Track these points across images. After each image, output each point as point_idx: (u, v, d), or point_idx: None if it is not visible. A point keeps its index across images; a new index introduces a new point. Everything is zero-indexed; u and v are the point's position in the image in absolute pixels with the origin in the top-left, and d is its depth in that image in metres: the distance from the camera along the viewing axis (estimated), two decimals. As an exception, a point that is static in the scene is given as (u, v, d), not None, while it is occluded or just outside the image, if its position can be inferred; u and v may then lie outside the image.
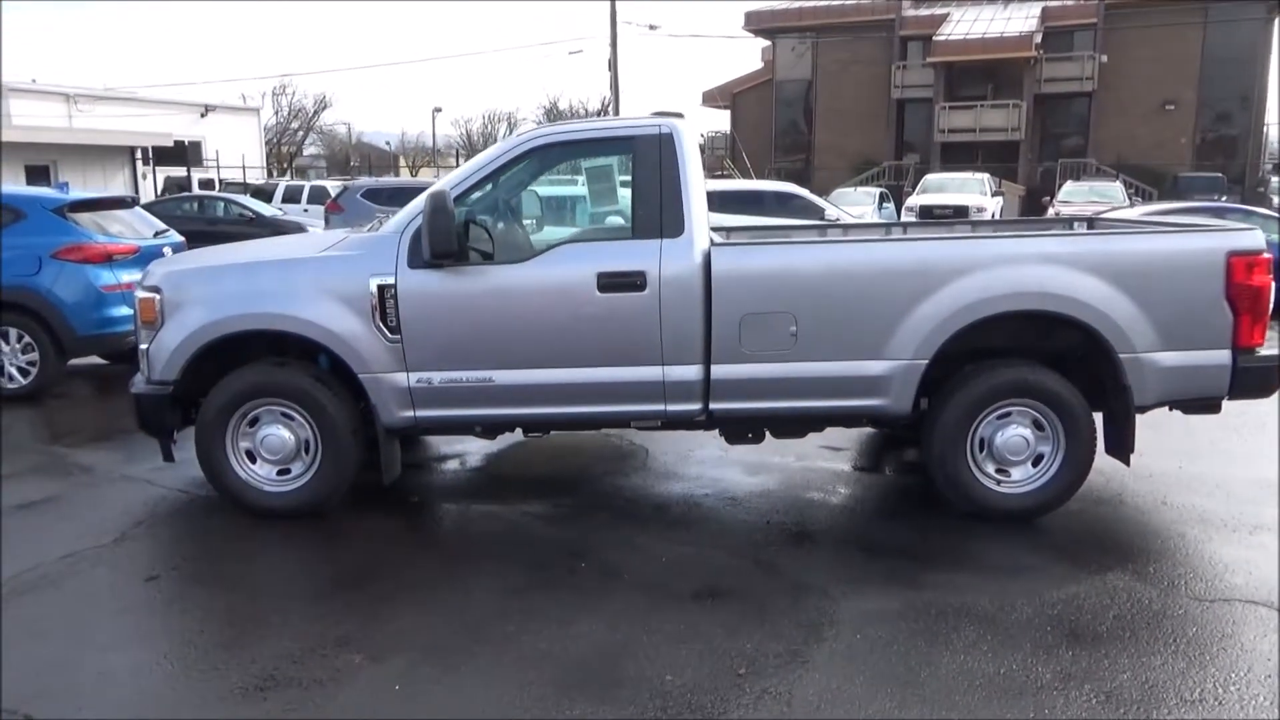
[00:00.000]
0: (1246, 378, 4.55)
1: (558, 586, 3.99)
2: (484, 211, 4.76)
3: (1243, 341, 4.50)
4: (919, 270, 4.53)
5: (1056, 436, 4.64)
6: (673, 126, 4.68)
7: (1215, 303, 4.48)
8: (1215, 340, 4.49)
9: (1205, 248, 4.55)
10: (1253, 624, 3.65)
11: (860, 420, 4.90)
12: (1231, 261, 4.47)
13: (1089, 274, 4.50)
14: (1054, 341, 4.75)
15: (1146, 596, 3.86)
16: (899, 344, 4.51)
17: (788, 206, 14.07)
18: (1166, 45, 33.33)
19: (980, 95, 35.60)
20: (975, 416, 4.64)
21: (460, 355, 4.57)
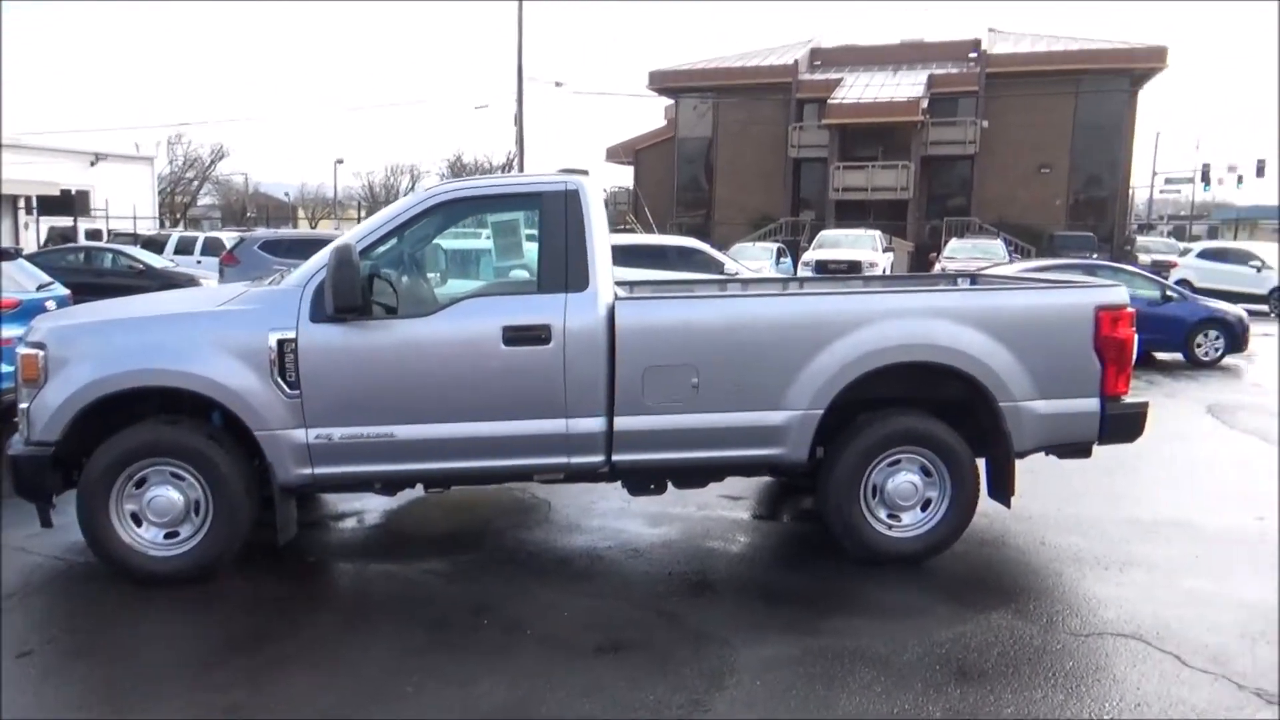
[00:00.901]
0: (1114, 424, 4.85)
1: (459, 645, 3.94)
2: (389, 265, 4.75)
3: (1110, 390, 4.81)
4: (815, 324, 4.71)
5: (943, 482, 4.84)
6: (579, 184, 4.78)
7: (1085, 354, 4.79)
8: (1085, 389, 4.78)
9: (1076, 303, 4.87)
10: (1124, 656, 3.86)
11: (759, 469, 5.01)
12: (1099, 315, 4.79)
13: (972, 327, 4.75)
14: (940, 391, 4.97)
15: (1027, 633, 4.04)
16: (796, 395, 4.65)
17: (689, 261, 14.36)
18: (1042, 113, 35.55)
19: (872, 156, 37.19)
20: (868, 464, 4.81)
21: (362, 410, 4.51)
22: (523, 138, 31.50)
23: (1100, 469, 6.52)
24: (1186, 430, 8.71)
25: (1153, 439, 7.04)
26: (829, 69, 39.67)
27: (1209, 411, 9.62)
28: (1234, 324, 13.24)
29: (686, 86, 40.20)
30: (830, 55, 40.76)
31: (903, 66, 38.86)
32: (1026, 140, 35.80)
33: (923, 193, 37.71)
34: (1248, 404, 10.12)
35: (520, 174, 5.90)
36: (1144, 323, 12.60)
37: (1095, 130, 36.01)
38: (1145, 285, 13.81)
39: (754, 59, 40.34)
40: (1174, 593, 4.57)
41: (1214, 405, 9.96)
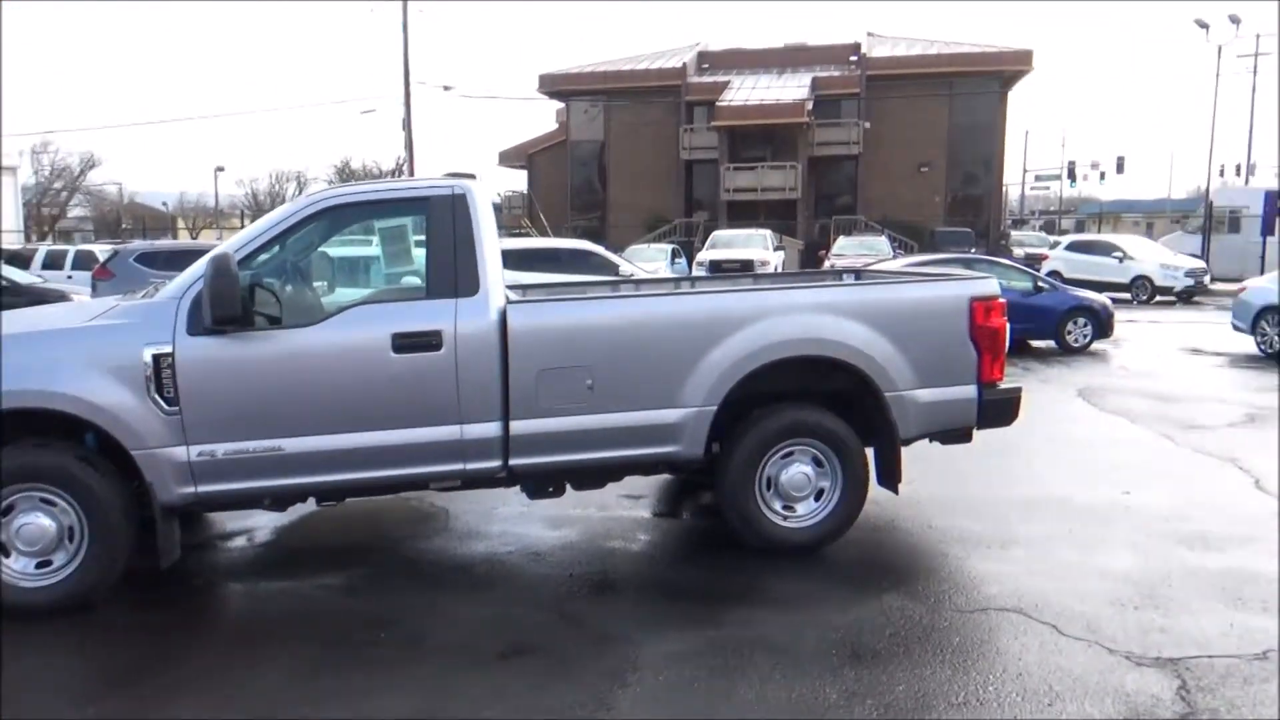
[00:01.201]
0: (991, 409, 5.09)
1: (357, 661, 3.85)
2: (271, 274, 4.61)
3: (986, 376, 5.04)
4: (707, 321, 4.78)
5: (835, 472, 4.98)
6: (466, 187, 4.73)
7: (962, 343, 5.00)
8: (963, 377, 5.00)
9: (951, 295, 5.08)
10: (1006, 629, 4.05)
11: (657, 467, 5.05)
12: (973, 306, 5.01)
13: (857, 321, 4.91)
14: (829, 384, 5.11)
15: (917, 613, 4.19)
16: (690, 392, 4.71)
17: (584, 263, 14.36)
18: (920, 114, 36.94)
19: (761, 157, 37.95)
20: (762, 457, 4.91)
21: (246, 424, 4.36)
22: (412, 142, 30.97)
23: (982, 453, 6.81)
24: (1060, 413, 9.19)
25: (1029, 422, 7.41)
26: (716, 72, 40.33)
27: (1080, 395, 10.17)
28: (1100, 311, 14.02)
29: (577, 89, 40.23)
30: (717, 58, 41.44)
31: (787, 69, 39.80)
32: (906, 140, 37.14)
33: (811, 192, 38.69)
34: (1115, 387, 10.74)
35: (407, 179, 5.80)
36: (1018, 313, 13.44)
37: (969, 130, 37.63)
38: (1019, 277, 14.52)
39: (643, 62, 40.69)
40: (1050, 566, 4.82)
41: (1084, 389, 10.53)
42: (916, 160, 37.76)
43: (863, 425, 5.08)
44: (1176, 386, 10.67)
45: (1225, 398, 9.91)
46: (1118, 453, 7.39)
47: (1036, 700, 3.42)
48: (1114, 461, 7.08)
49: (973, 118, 37.45)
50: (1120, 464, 6.99)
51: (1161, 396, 9.97)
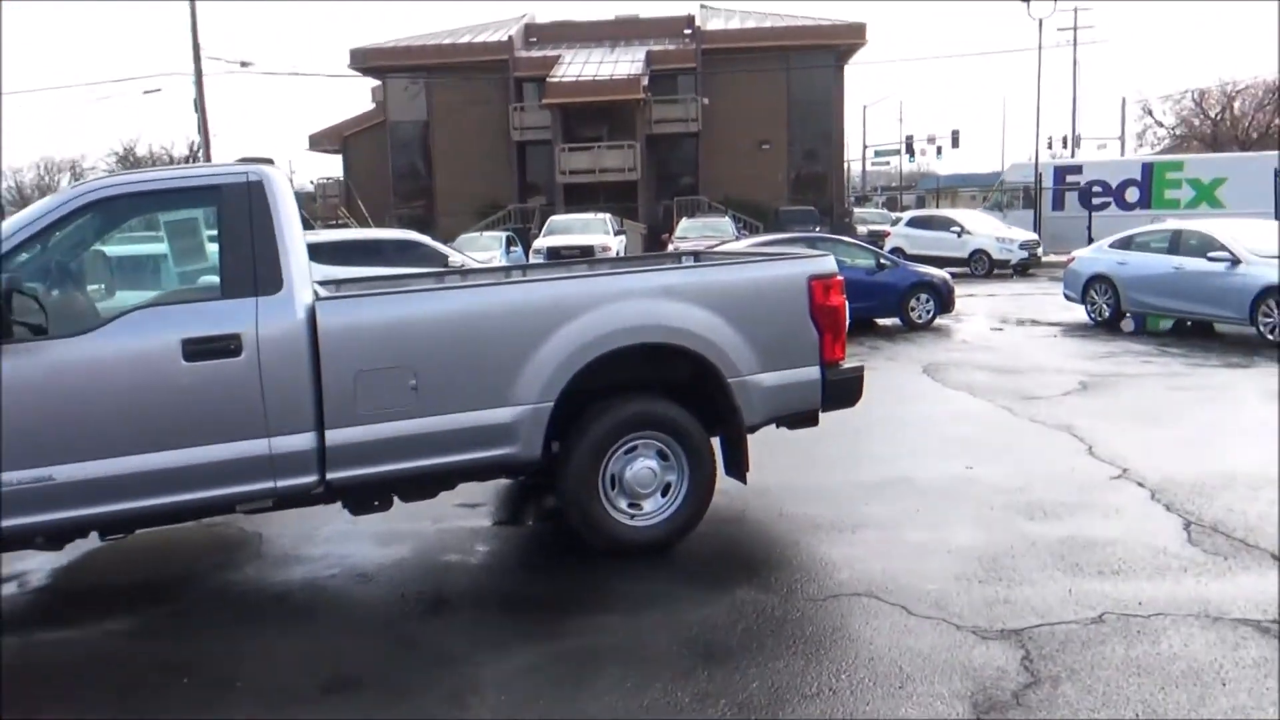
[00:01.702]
0: (835, 389, 5.29)
1: (155, 712, 3.61)
2: (34, 277, 4.25)
3: (828, 356, 5.23)
4: (538, 311, 4.75)
5: (681, 465, 5.06)
6: (263, 173, 4.52)
7: (803, 323, 5.17)
8: (806, 358, 5.17)
9: (790, 274, 5.24)
10: (858, 614, 4.23)
11: (493, 471, 5.00)
12: (812, 285, 5.18)
13: (696, 305, 4.99)
14: (671, 372, 5.18)
15: (769, 605, 4.32)
16: (524, 388, 4.67)
17: (410, 255, 14.05)
18: (758, 89, 38.04)
19: (597, 136, 38.15)
20: (604, 453, 4.93)
21: (7, 453, 4.01)
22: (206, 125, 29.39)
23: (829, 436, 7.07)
24: (905, 390, 9.69)
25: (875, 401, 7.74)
26: (545, 46, 40.23)
27: (924, 371, 10.76)
28: (941, 287, 14.87)
29: (394, 65, 39.24)
30: (545, 32, 41.35)
31: (620, 43, 40.16)
32: (746, 117, 38.19)
33: (651, 173, 39.22)
34: (957, 361, 11.42)
35: (195, 165, 5.48)
36: (862, 291, 14.12)
37: (808, 106, 39.09)
38: (862, 255, 15.22)
39: (466, 35, 40.13)
40: (899, 547, 5.07)
41: (928, 365, 11.14)
42: (757, 137, 38.91)
43: (707, 414, 5.17)
44: (1015, 358, 11.45)
45: (1061, 367, 10.71)
46: (961, 428, 7.85)
47: (887, 684, 3.58)
48: (958, 437, 7.52)
49: (811, 93, 38.92)
50: (964, 439, 7.44)
51: (1001, 369, 10.67)
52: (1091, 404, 8.66)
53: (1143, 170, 30.68)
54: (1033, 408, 8.49)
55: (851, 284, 7.66)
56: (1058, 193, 30.78)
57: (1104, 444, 7.12)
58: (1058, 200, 30.68)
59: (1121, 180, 30.22)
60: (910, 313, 14.66)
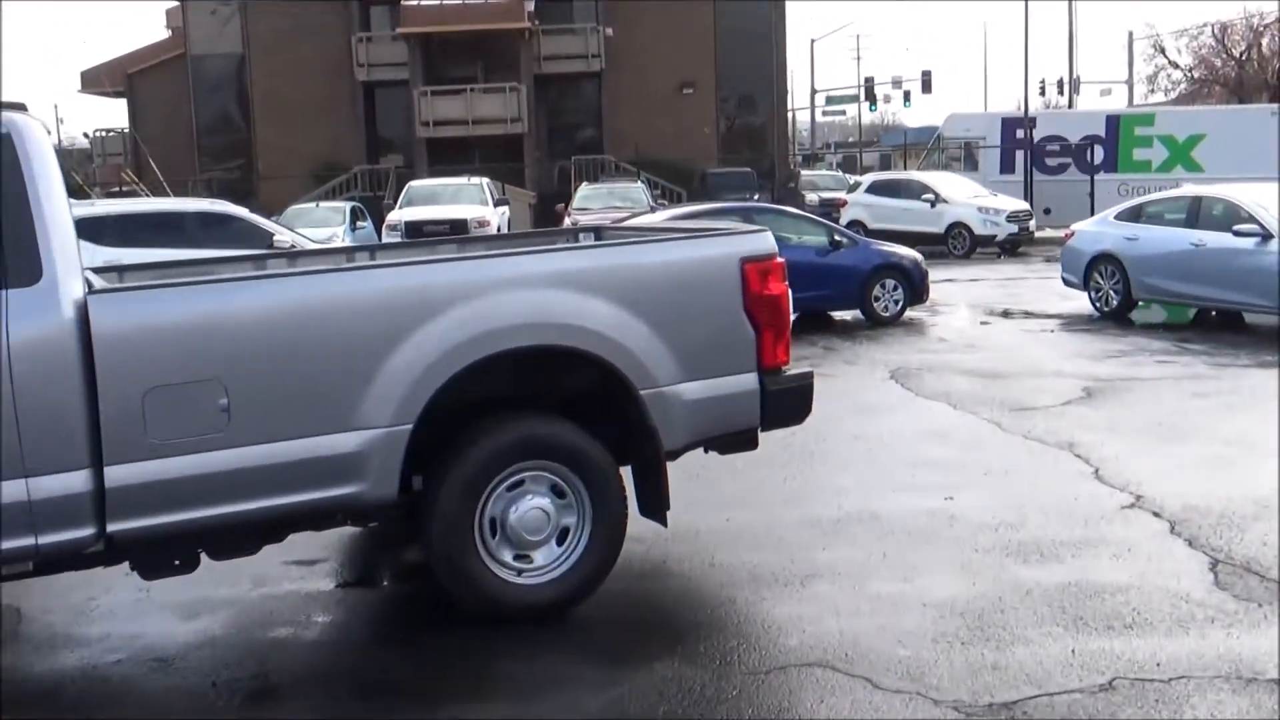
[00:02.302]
0: (778, 402, 5.34)
1: None
2: None
3: (769, 361, 5.29)
4: (392, 306, 4.70)
5: (581, 503, 5.05)
6: (12, 123, 4.38)
7: (735, 319, 5.22)
8: (739, 363, 5.22)
9: (716, 256, 5.29)
10: (810, 689, 4.28)
11: (336, 517, 4.94)
12: (746, 269, 5.23)
13: (599, 296, 5.00)
14: (567, 383, 5.19)
15: (698, 683, 4.34)
16: (373, 407, 4.61)
17: (221, 233, 13.88)
18: (677, 19, 38.36)
19: (470, 77, 38.05)
20: (481, 491, 4.89)
21: None
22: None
23: (773, 461, 7.18)
24: (869, 401, 9.88)
25: (829, 417, 7.86)
26: (400, -41, 39.93)
27: (892, 377, 11.00)
28: (912, 271, 15.18)
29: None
30: (401, -60, 41.05)
31: (499, -44, 40.11)
32: (662, 54, 38.50)
33: (542, 125, 39.29)
34: (933, 364, 11.70)
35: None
36: (814, 276, 14.30)
37: (742, 40, 39.58)
38: (812, 231, 15.47)
39: (294, -57, 39.53)
40: (862, 602, 5.15)
41: (898, 369, 11.39)
42: (677, 79, 39.26)
43: (615, 437, 5.17)
44: (1004, 360, 11.78)
45: (1060, 369, 11.06)
46: (939, 448, 8.04)
47: (850, 778, 3.63)
48: (934, 460, 7.69)
49: (745, 22, 39.41)
50: (942, 462, 7.61)
51: (987, 373, 10.96)
52: (1098, 415, 8.96)
53: (1107, 125, 32.08)
54: (1027, 421, 8.75)
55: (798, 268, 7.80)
56: (1005, 152, 31.97)
57: (1113, 465, 7.36)
58: (1006, 160, 31.89)
59: (1082, 137, 31.54)
60: (874, 303, 14.94)
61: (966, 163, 32.45)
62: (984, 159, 32.10)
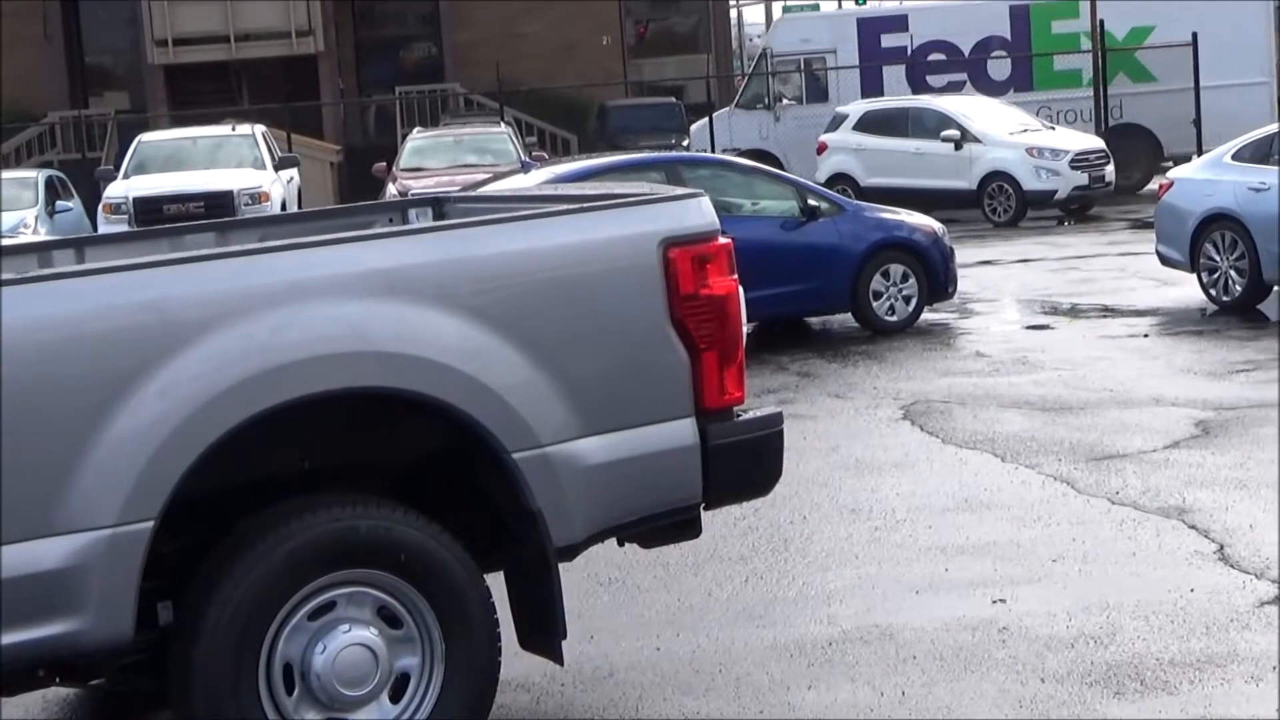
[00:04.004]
0: (728, 462, 5.34)
1: None
2: None
3: (711, 399, 5.28)
4: (113, 336, 4.66)
5: (426, 634, 5.01)
6: None
7: (657, 335, 5.23)
8: (667, 404, 5.23)
9: (626, 237, 5.30)
10: None
11: (34, 674, 4.90)
12: (671, 257, 5.24)
13: (441, 308, 4.99)
14: (397, 447, 5.18)
15: None
16: (88, 497, 4.55)
17: None
18: None
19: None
20: (267, 622, 4.83)
21: None
22: None
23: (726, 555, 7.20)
24: (871, 454, 9.90)
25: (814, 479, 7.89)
26: None
27: (906, 415, 11.05)
28: (928, 249, 15.28)
29: None
30: None
31: None
32: (533, -78, 38.63)
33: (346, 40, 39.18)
34: (967, 393, 11.80)
35: None
36: (778, 262, 14.29)
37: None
38: (774, 192, 15.49)
39: None
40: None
41: (914, 403, 11.45)
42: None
43: (476, 528, 5.18)
44: (1074, 383, 11.88)
45: (1160, 394, 11.20)
46: (981, 524, 8.10)
47: None
48: (975, 542, 7.74)
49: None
50: (986, 546, 7.66)
51: (1050, 405, 11.08)
52: (1220, 463, 9.07)
53: (1013, 21, 33.18)
54: (1113, 477, 8.85)
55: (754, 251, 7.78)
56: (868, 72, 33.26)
57: (1245, 540, 7.47)
58: (869, 83, 33.12)
59: (978, 41, 33.00)
60: (872, 302, 15.04)
61: (809, 90, 33.61)
62: (835, 83, 33.19)
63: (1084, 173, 26.29)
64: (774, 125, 32.04)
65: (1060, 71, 32.20)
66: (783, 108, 33.00)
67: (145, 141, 27.28)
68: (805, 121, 31.73)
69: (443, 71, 38.89)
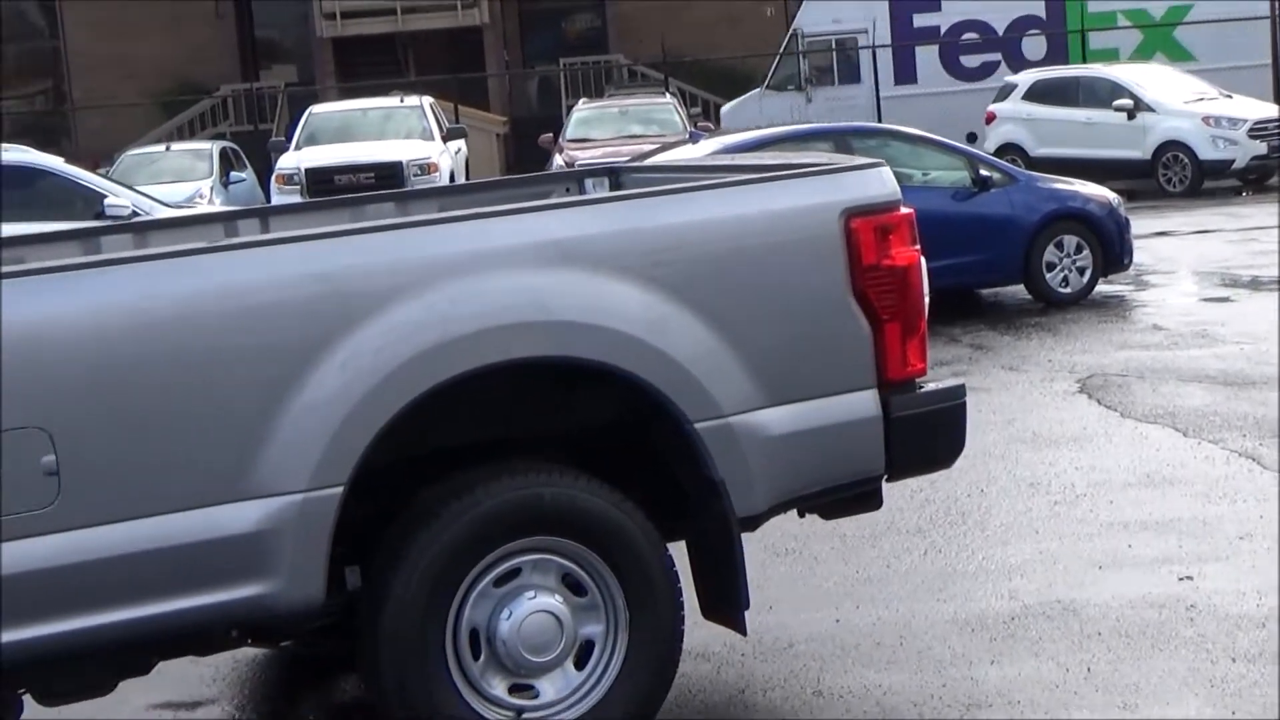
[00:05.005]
0: (911, 435, 5.33)
1: None
2: None
3: (894, 371, 5.28)
4: (297, 303, 4.73)
5: (610, 602, 5.05)
6: None
7: (839, 307, 5.22)
8: (849, 376, 5.23)
9: (807, 207, 5.29)
10: None
11: (227, 635, 4.99)
12: (853, 227, 5.23)
13: (621, 278, 5.01)
14: (579, 416, 5.21)
15: None
16: (278, 463, 4.63)
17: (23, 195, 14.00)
18: None
19: (397, -58, 38.18)
20: (454, 588, 4.90)
21: None
22: None
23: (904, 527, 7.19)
24: (1048, 428, 9.83)
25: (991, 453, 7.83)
26: None
27: (1083, 389, 10.95)
28: (1102, 220, 15.13)
29: None
30: None
31: None
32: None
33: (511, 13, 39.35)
34: (1145, 367, 11.65)
35: None
36: (949, 233, 14.13)
37: None
38: (945, 161, 15.40)
39: None
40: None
41: (1090, 377, 11.35)
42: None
43: (659, 498, 5.20)
44: (1259, 356, 11.64)
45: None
46: (1164, 500, 8.01)
47: None
48: (1159, 518, 7.66)
49: None
50: (1171, 522, 7.57)
51: (1234, 379, 10.91)
52: None
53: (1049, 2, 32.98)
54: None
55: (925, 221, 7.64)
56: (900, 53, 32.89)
57: None
58: (903, 65, 33.08)
59: (1013, 20, 32.75)
60: (1045, 274, 14.95)
61: (841, 73, 33.31)
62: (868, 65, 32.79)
63: (1263, 141, 25.81)
64: (806, 106, 31.78)
65: (1097, 50, 31.90)
66: (814, 89, 32.76)
67: (316, 113, 27.66)
68: (837, 103, 31.64)
69: (606, 42, 39.02)
